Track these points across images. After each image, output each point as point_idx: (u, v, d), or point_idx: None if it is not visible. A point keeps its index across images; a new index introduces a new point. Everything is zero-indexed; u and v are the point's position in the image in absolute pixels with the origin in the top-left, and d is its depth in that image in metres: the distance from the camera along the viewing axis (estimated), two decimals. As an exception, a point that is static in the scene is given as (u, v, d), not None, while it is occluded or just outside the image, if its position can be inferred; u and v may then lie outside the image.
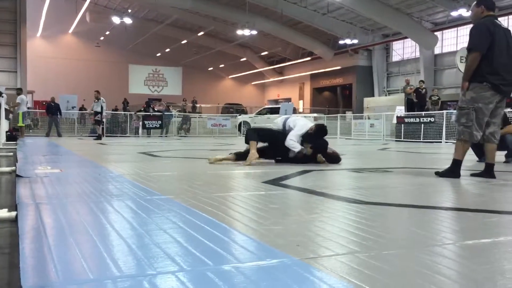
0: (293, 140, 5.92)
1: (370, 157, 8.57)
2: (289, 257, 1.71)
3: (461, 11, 24.71)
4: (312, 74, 41.73)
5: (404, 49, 34.59)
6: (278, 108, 24.16)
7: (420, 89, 18.20)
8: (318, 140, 6.03)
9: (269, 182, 4.04)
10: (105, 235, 2.04)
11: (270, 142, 6.07)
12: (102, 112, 17.08)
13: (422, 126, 16.85)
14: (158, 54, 46.13)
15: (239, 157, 5.98)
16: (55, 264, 1.59)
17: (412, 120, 17.48)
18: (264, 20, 33.65)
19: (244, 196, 3.31)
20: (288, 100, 38.38)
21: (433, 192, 3.79)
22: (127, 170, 5.02)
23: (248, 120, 24.37)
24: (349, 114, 26.21)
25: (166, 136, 21.43)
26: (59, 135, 18.17)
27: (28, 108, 20.67)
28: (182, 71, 48.06)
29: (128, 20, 35.41)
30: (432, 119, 16.55)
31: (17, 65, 26.56)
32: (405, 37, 31.31)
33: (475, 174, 4.60)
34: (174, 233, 2.08)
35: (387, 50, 36.40)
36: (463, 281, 1.52)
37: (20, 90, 18.17)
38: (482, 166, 4.73)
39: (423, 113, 17.30)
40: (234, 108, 33.94)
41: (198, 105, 34.49)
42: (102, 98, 17.10)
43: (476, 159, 6.71)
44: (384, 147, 12.48)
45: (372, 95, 35.07)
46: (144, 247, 1.83)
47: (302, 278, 1.49)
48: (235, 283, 1.44)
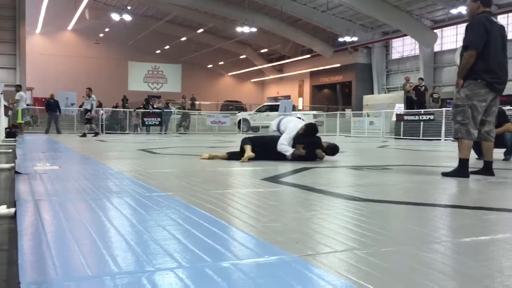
0: (284, 144, 5.96)
1: (369, 155, 8.58)
2: (288, 254, 1.72)
3: (461, 9, 24.72)
4: (312, 72, 41.69)
5: (404, 47, 34.55)
6: (278, 106, 24.12)
7: (420, 87, 18.18)
8: (310, 139, 6.07)
9: (268, 179, 4.05)
10: (104, 232, 2.04)
11: (264, 148, 6.07)
12: (92, 111, 16.52)
13: (422, 124, 16.86)
14: (158, 51, 46.02)
15: (232, 156, 6.02)
16: (54, 261, 1.59)
17: (412, 118, 17.49)
18: (264, 17, 33.60)
19: (243, 193, 3.31)
20: (288, 98, 38.38)
21: (432, 190, 3.79)
22: (126, 167, 5.01)
23: (248, 118, 24.34)
24: (349, 112, 26.15)
25: (165, 133, 21.42)
26: (58, 132, 18.14)
27: (27, 105, 20.63)
28: (182, 68, 47.93)
29: (128, 17, 35.36)
30: (432, 117, 16.55)
31: (16, 62, 26.53)
32: (405, 35, 31.26)
33: (474, 172, 4.60)
34: (173, 230, 2.08)
35: (387, 48, 36.34)
36: (461, 278, 1.53)
37: (19, 87, 18.07)
38: (481, 164, 4.74)
39: (423, 111, 17.29)
40: (234, 106, 33.86)
41: (197, 103, 34.46)
42: (93, 96, 16.69)
43: (475, 157, 6.72)
44: (383, 145, 12.48)
45: (372, 93, 35.03)
46: (143, 244, 1.83)
47: (301, 275, 1.49)
48: (234, 280, 1.44)
